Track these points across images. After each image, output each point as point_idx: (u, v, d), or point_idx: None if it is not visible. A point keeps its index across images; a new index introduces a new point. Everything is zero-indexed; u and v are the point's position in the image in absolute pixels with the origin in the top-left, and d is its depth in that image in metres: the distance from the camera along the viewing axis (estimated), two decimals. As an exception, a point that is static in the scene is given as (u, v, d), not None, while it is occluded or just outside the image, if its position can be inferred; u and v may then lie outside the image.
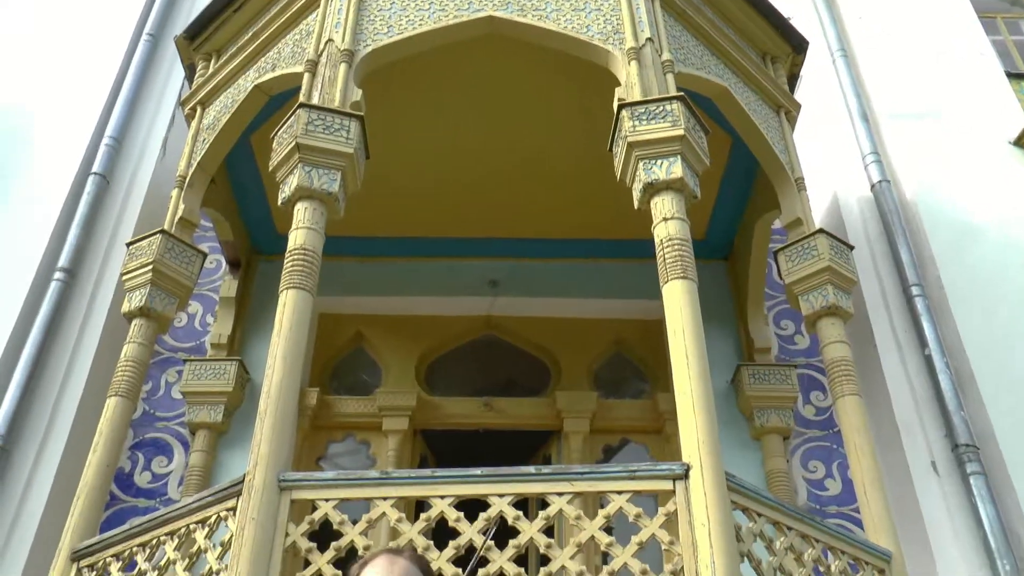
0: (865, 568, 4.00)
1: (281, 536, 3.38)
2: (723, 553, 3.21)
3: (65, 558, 4.17)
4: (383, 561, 2.11)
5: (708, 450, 3.39)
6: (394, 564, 2.10)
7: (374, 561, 2.12)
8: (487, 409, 6.07)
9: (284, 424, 3.61)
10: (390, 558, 2.13)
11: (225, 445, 5.67)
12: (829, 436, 5.83)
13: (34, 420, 5.29)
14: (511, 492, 3.41)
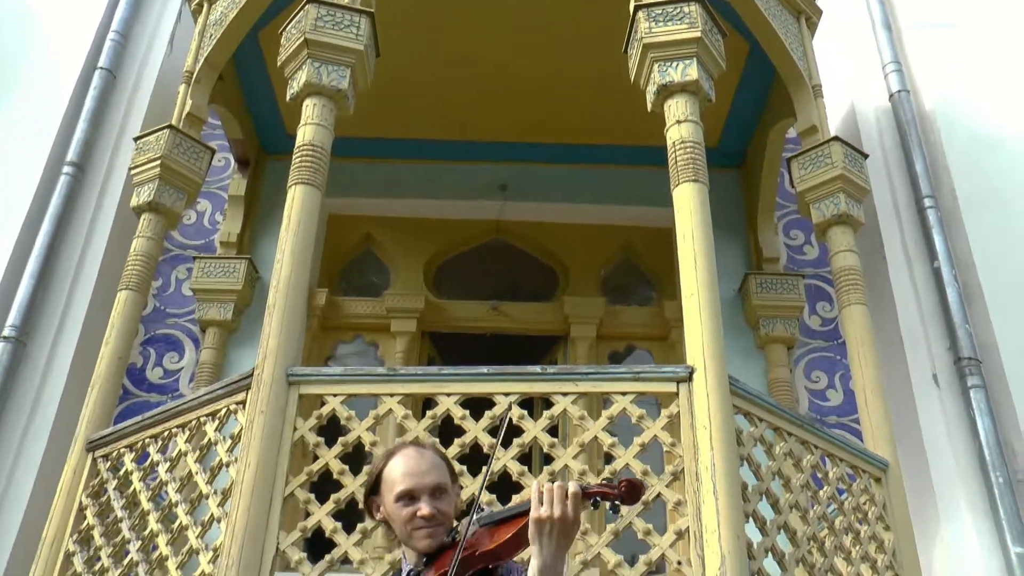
0: (862, 476, 4.07)
1: (289, 430, 3.46)
2: (723, 456, 3.27)
3: (80, 448, 4.28)
4: (412, 451, 2.11)
5: (712, 353, 3.42)
6: (423, 455, 2.10)
7: (402, 451, 2.12)
8: (495, 313, 6.10)
9: (293, 319, 3.65)
10: (418, 448, 2.13)
11: (235, 343, 5.74)
12: (833, 347, 5.87)
13: (48, 313, 5.36)
14: (516, 391, 3.46)
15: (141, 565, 3.72)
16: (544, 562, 1.75)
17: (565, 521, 1.75)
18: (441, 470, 2.08)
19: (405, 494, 2.01)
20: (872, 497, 4.04)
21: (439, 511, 2.00)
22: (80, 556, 4.00)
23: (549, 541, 1.75)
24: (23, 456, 4.94)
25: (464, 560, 1.88)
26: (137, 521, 3.87)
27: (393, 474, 2.05)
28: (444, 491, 2.05)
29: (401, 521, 2.01)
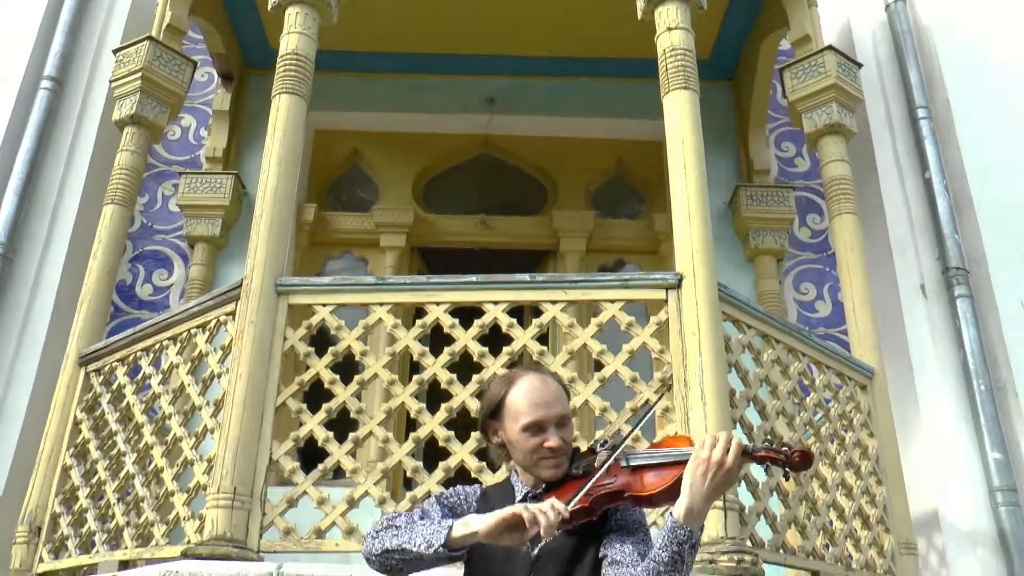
0: (848, 383, 4.13)
1: (279, 340, 3.47)
2: (712, 362, 3.30)
3: (73, 363, 4.29)
4: (537, 380, 2.06)
5: (702, 260, 3.42)
6: (548, 384, 2.06)
7: (527, 378, 2.06)
8: (483, 227, 6.07)
9: (281, 229, 3.62)
10: (542, 377, 2.08)
11: (224, 259, 5.72)
12: (822, 259, 5.88)
13: (33, 230, 5.31)
14: (505, 299, 3.46)
15: (137, 477, 3.76)
16: (692, 504, 1.76)
17: (722, 467, 1.76)
18: (564, 400, 2.06)
19: (532, 425, 1.98)
20: (857, 404, 4.11)
21: (564, 441, 2.00)
22: (77, 470, 4.05)
23: (703, 485, 1.76)
24: (16, 373, 4.96)
25: (606, 498, 1.90)
26: (132, 434, 3.91)
27: (518, 403, 2.01)
28: (568, 421, 2.04)
29: (526, 450, 2.00)
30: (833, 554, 3.68)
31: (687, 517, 1.76)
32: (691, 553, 1.76)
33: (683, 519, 1.76)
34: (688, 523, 1.76)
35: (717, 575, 3.00)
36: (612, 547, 1.90)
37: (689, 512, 1.76)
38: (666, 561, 1.75)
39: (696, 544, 1.77)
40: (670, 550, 1.75)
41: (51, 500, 4.02)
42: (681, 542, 1.75)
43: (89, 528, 3.84)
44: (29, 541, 3.96)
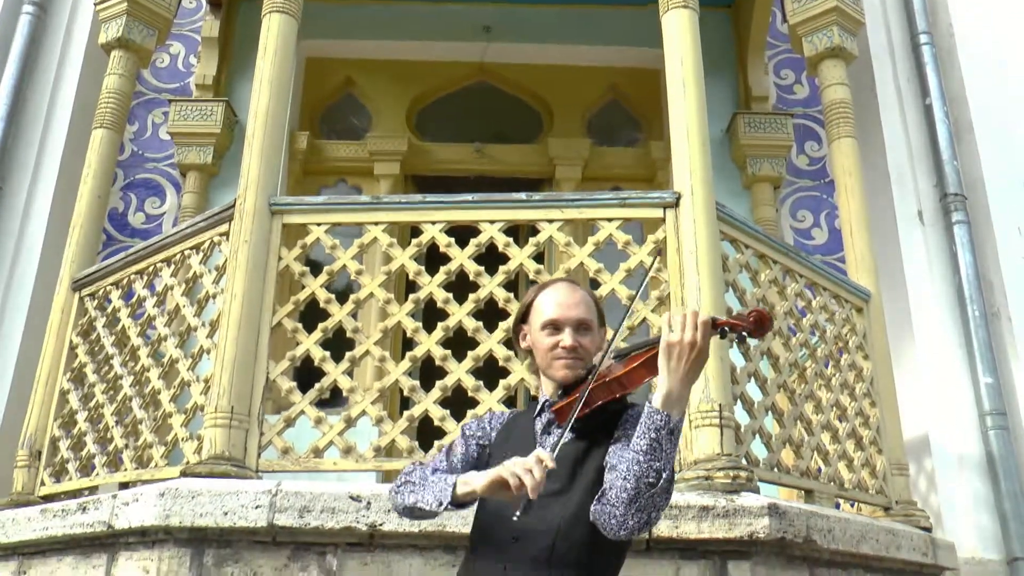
0: (844, 305, 4.13)
1: (274, 260, 3.44)
2: (709, 281, 3.29)
3: (66, 288, 4.27)
4: (565, 285, 2.11)
5: (700, 179, 3.39)
6: (575, 290, 2.10)
7: (556, 284, 2.12)
8: (479, 155, 6.01)
9: (273, 149, 3.57)
10: (572, 285, 2.13)
11: (216, 186, 5.66)
12: (820, 186, 5.85)
13: (22, 157, 5.24)
14: (502, 218, 3.43)
15: (135, 399, 3.76)
16: (670, 389, 1.73)
17: (693, 346, 1.72)
18: (590, 308, 2.08)
19: (551, 323, 2.03)
20: (853, 327, 4.11)
21: (580, 344, 2.01)
22: (75, 394, 4.05)
23: (677, 367, 1.73)
24: (10, 301, 4.94)
25: (596, 388, 1.91)
26: (128, 357, 3.90)
27: (543, 304, 2.07)
28: (588, 328, 2.05)
29: (544, 349, 2.03)
30: (827, 474, 3.72)
31: (664, 402, 1.74)
32: (669, 439, 1.73)
33: (660, 404, 1.74)
34: (665, 408, 1.74)
35: (713, 491, 3.02)
36: (613, 455, 1.90)
37: (667, 397, 1.74)
38: (644, 449, 1.73)
39: (675, 430, 1.74)
40: (647, 437, 1.73)
41: (50, 424, 4.03)
42: (658, 428, 1.72)
43: (89, 451, 3.85)
44: (30, 465, 3.98)
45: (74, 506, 3.37)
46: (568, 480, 1.90)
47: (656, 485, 1.73)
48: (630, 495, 1.73)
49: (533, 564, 1.84)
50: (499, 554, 1.89)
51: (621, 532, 1.77)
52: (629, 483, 1.73)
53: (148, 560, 3.07)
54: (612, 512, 1.76)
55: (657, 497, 1.74)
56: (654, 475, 1.73)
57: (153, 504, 2.99)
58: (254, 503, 2.94)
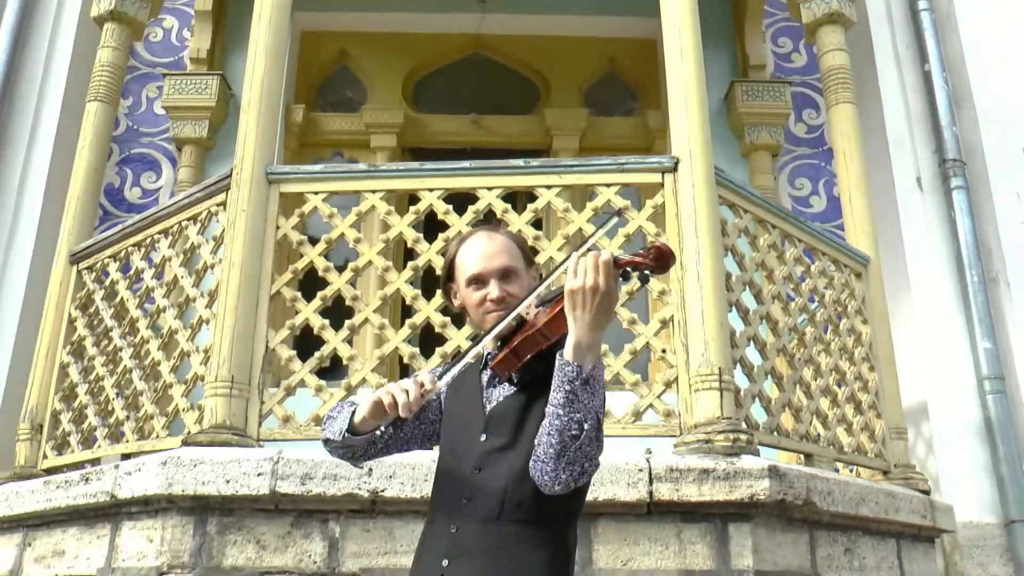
0: (843, 270, 4.13)
1: (272, 229, 3.43)
2: (708, 245, 3.28)
3: (64, 262, 4.26)
4: (482, 235, 2.04)
5: (699, 142, 3.37)
6: (492, 238, 2.02)
7: (473, 235, 2.05)
8: (476, 127, 5.99)
9: (269, 119, 3.55)
10: (488, 232, 2.06)
11: (212, 160, 5.64)
12: (818, 154, 5.83)
13: (16, 131, 5.22)
14: (500, 185, 3.42)
15: (135, 371, 3.76)
16: (579, 337, 1.68)
17: (596, 291, 1.66)
18: (512, 253, 2.01)
19: (475, 278, 1.97)
20: (852, 291, 4.11)
21: (508, 294, 1.95)
22: (75, 367, 4.05)
23: (583, 314, 1.67)
24: (8, 275, 4.95)
25: (523, 343, 1.84)
26: (127, 329, 3.89)
27: (464, 259, 2.00)
28: (514, 273, 1.98)
29: (473, 304, 1.98)
30: (826, 438, 3.73)
31: (575, 352, 1.68)
32: (585, 389, 1.68)
33: (570, 355, 1.68)
34: (576, 358, 1.68)
35: (714, 454, 3.03)
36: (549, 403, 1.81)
37: (577, 347, 1.68)
38: (561, 403, 1.68)
39: (589, 379, 1.68)
40: (563, 391, 1.68)
41: (51, 398, 4.03)
42: (571, 379, 1.67)
43: (90, 424, 3.86)
44: (32, 438, 3.99)
45: (77, 477, 3.38)
46: (514, 435, 1.85)
47: (580, 437, 1.68)
48: (556, 450, 1.69)
49: (484, 523, 1.81)
50: (451, 516, 1.86)
51: (556, 487, 1.72)
52: (554, 438, 1.69)
53: (152, 529, 3.08)
54: (544, 468, 1.72)
55: (585, 447, 1.69)
56: (575, 427, 1.68)
57: (156, 473, 3.00)
58: (256, 471, 2.95)
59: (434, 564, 1.83)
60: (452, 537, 1.83)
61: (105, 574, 3.21)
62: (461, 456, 1.91)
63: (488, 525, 1.80)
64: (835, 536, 3.43)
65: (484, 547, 1.79)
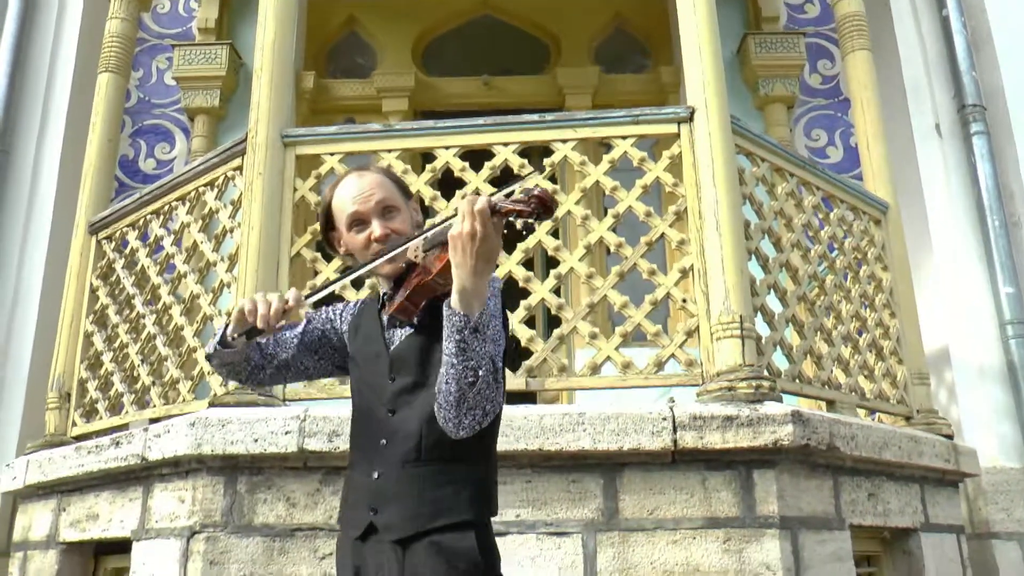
0: (862, 218, 4.11)
1: (289, 191, 3.44)
2: (726, 194, 3.27)
3: (83, 233, 4.30)
4: (352, 176, 2.00)
5: (714, 91, 3.35)
6: (363, 176, 1.98)
7: (343, 179, 2.01)
8: (487, 88, 5.96)
9: (282, 82, 3.55)
10: (358, 172, 2.01)
11: (225, 130, 5.64)
12: (833, 104, 5.78)
13: (29, 105, 5.23)
14: (515, 140, 3.41)
15: (159, 337, 3.80)
16: (462, 285, 1.63)
17: (474, 236, 1.60)
18: (387, 187, 1.97)
19: (354, 219, 1.92)
20: (871, 238, 4.10)
21: (392, 230, 1.92)
22: (99, 336, 4.09)
23: (464, 260, 1.62)
24: (28, 248, 4.98)
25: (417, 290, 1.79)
26: (149, 296, 3.92)
27: (339, 203, 1.96)
28: (395, 208, 1.95)
29: (359, 247, 1.94)
30: (848, 384, 3.73)
31: (461, 300, 1.64)
32: (475, 337, 1.65)
33: (457, 304, 1.65)
34: (463, 307, 1.64)
35: (737, 402, 3.04)
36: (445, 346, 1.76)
37: (462, 294, 1.64)
38: (454, 352, 1.66)
39: (478, 327, 1.65)
40: (453, 340, 1.66)
41: (77, 366, 4.08)
42: (460, 328, 1.64)
43: (116, 390, 3.91)
44: (60, 407, 4.05)
45: (107, 442, 3.43)
46: (421, 374, 1.83)
47: (476, 383, 1.66)
48: (455, 398, 1.68)
49: (403, 464, 1.80)
50: (370, 461, 1.85)
51: (461, 432, 1.71)
52: (452, 387, 1.67)
53: (183, 490, 3.13)
54: (447, 415, 1.70)
55: (484, 391, 1.68)
56: (471, 375, 1.66)
57: (185, 434, 3.04)
58: (283, 429, 2.99)
59: (362, 512, 1.83)
60: (375, 483, 1.82)
61: (139, 535, 3.26)
62: (372, 399, 1.89)
63: (408, 467, 1.80)
64: (859, 481, 3.44)
65: (407, 490, 1.79)
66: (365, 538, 1.83)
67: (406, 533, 1.77)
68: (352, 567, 1.85)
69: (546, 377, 3.23)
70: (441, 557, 1.76)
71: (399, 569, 1.77)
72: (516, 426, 2.89)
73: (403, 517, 1.78)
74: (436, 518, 1.77)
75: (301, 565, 2.94)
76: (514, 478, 2.95)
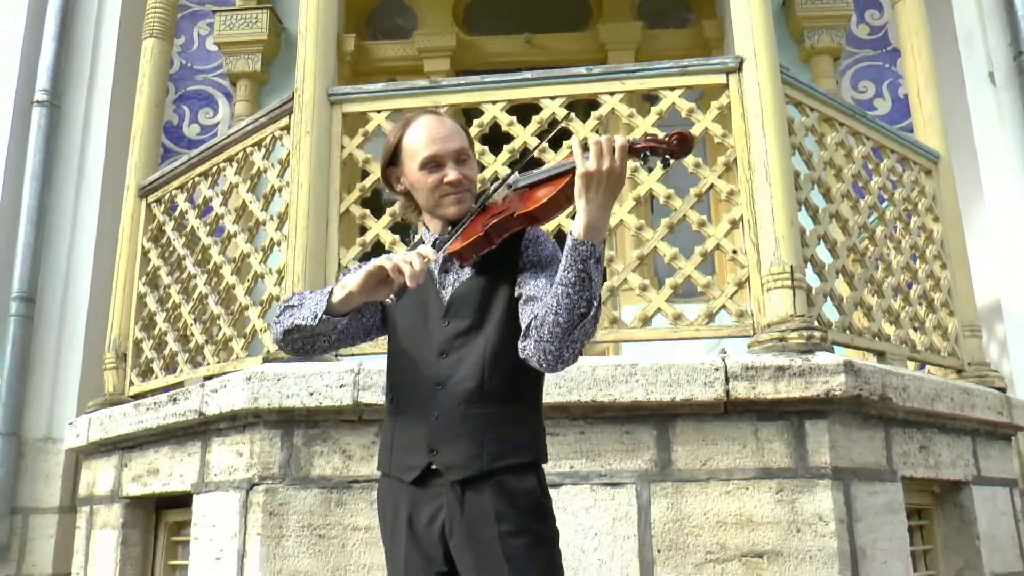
0: (912, 168, 4.04)
1: (337, 148, 3.46)
2: (776, 144, 3.23)
3: (133, 196, 4.37)
4: (431, 118, 1.96)
5: (763, 41, 3.30)
6: (443, 121, 1.96)
7: (421, 118, 1.97)
8: (529, 46, 5.90)
9: (326, 41, 3.56)
10: (437, 115, 2.00)
11: (267, 93, 5.66)
12: (881, 55, 5.65)
13: (76, 73, 5.29)
14: (562, 93, 3.39)
15: (210, 296, 3.86)
16: (591, 219, 1.68)
17: (612, 174, 1.66)
18: (463, 136, 1.97)
19: (430, 160, 1.90)
20: (922, 189, 4.03)
21: (465, 176, 1.91)
22: (152, 297, 4.17)
23: (596, 196, 1.67)
24: (80, 213, 5.06)
25: (499, 224, 1.83)
26: (199, 256, 3.99)
27: (415, 141, 1.92)
28: (468, 157, 1.95)
29: (427, 188, 1.91)
30: (898, 336, 3.70)
31: (588, 232, 1.68)
32: (597, 268, 1.70)
33: (583, 234, 1.68)
34: (589, 238, 1.68)
35: (788, 352, 3.03)
36: (527, 284, 1.84)
37: (589, 227, 1.68)
38: (572, 281, 1.68)
39: (600, 257, 1.70)
40: (575, 269, 1.68)
41: (131, 327, 4.17)
42: (585, 258, 1.68)
43: (171, 350, 3.99)
44: (117, 366, 4.14)
45: (165, 399, 3.52)
46: (479, 317, 1.85)
47: (588, 315, 1.70)
48: (563, 328, 1.70)
49: (463, 404, 1.82)
50: (424, 405, 1.86)
51: (558, 365, 1.74)
52: (562, 317, 1.69)
53: (240, 444, 3.20)
54: (547, 348, 1.72)
55: (588, 326, 1.71)
56: (585, 305, 1.69)
57: (241, 388, 3.10)
58: (338, 382, 3.03)
59: (418, 455, 1.85)
60: (433, 425, 1.84)
61: (199, 488, 3.35)
62: (421, 344, 1.89)
63: (470, 408, 1.82)
64: (910, 433, 3.43)
65: (469, 430, 1.81)
66: (421, 482, 1.85)
67: (469, 473, 1.80)
68: (405, 514, 1.86)
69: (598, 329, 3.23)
70: (503, 497, 1.79)
71: (460, 510, 1.80)
72: (569, 377, 2.90)
73: (466, 456, 1.81)
74: (499, 458, 1.81)
75: (358, 516, 3.00)
76: (567, 430, 2.98)
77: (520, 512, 1.80)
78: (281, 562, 2.97)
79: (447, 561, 1.82)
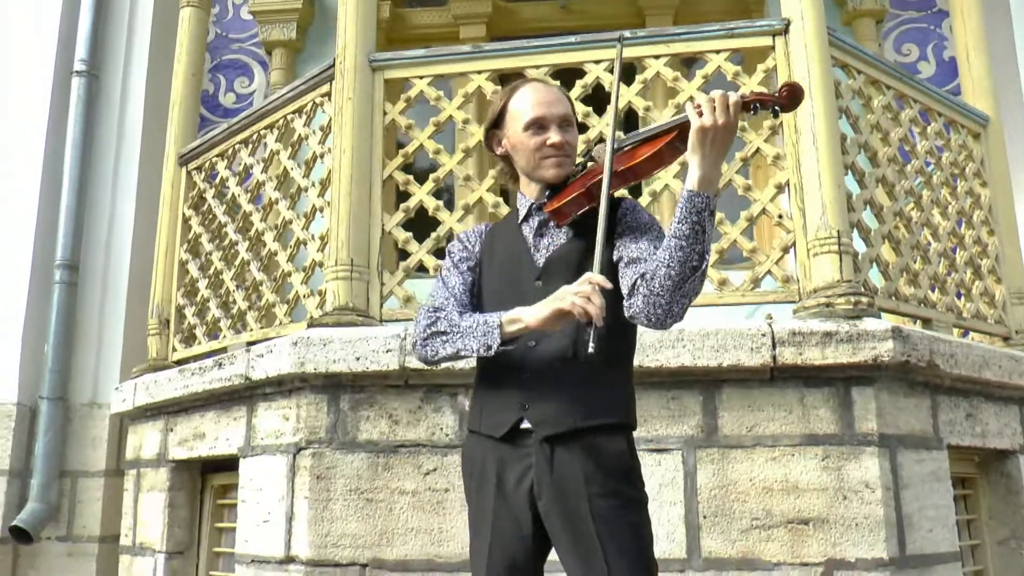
0: (960, 131, 3.97)
1: (379, 114, 3.45)
2: (822, 107, 3.18)
3: (173, 164, 4.40)
4: (539, 84, 2.06)
5: (810, 2, 3.24)
6: (550, 87, 2.06)
7: (529, 83, 2.05)
8: (565, 12, 5.82)
9: (368, 5, 3.55)
10: (544, 82, 2.08)
11: (302, 62, 5.64)
12: (926, 17, 5.52)
13: (113, 43, 5.30)
14: (607, 57, 3.35)
15: (253, 263, 3.88)
16: (705, 171, 1.72)
17: (728, 128, 1.71)
18: (567, 104, 2.04)
19: (535, 122, 1.96)
20: (970, 153, 3.96)
21: (567, 142, 1.97)
22: (193, 264, 4.21)
23: (711, 150, 1.71)
24: (119, 182, 5.09)
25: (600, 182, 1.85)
26: (241, 223, 4.01)
27: (522, 104, 1.99)
28: (571, 123, 2.01)
29: (530, 150, 1.97)
30: (944, 303, 3.65)
31: (702, 184, 1.72)
32: (710, 221, 1.73)
33: (699, 186, 1.72)
34: (704, 189, 1.72)
35: (835, 318, 3.00)
36: (627, 248, 1.88)
37: (704, 180, 1.72)
38: (687, 234, 1.71)
39: (714, 211, 1.74)
40: (690, 221, 1.71)
41: (174, 294, 4.21)
42: (700, 210, 1.71)
43: (213, 316, 4.03)
44: (160, 332, 4.19)
45: (210, 363, 3.55)
46: (576, 277, 1.82)
47: (699, 268, 1.73)
48: (675, 282, 1.73)
49: (557, 363, 1.85)
50: (517, 363, 1.87)
51: (668, 320, 1.77)
52: (674, 270, 1.72)
53: (287, 408, 3.23)
54: (656, 302, 1.75)
55: (697, 281, 1.75)
56: (697, 258, 1.72)
57: (287, 353, 3.12)
58: (384, 347, 3.05)
59: (509, 412, 1.87)
60: (526, 381, 1.87)
61: (245, 452, 3.39)
62: (512, 305, 1.89)
63: (565, 364, 1.85)
64: (957, 401, 3.39)
65: (561, 387, 1.85)
66: (510, 439, 1.87)
67: (559, 429, 1.82)
68: (494, 474, 1.88)
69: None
70: (593, 458, 1.82)
71: (549, 470, 1.82)
72: (615, 342, 2.89)
73: (557, 412, 1.83)
74: (591, 417, 1.83)
75: (405, 480, 3.02)
76: (612, 394, 2.98)
77: (609, 474, 1.82)
78: (329, 525, 3.01)
79: (535, 522, 1.84)
